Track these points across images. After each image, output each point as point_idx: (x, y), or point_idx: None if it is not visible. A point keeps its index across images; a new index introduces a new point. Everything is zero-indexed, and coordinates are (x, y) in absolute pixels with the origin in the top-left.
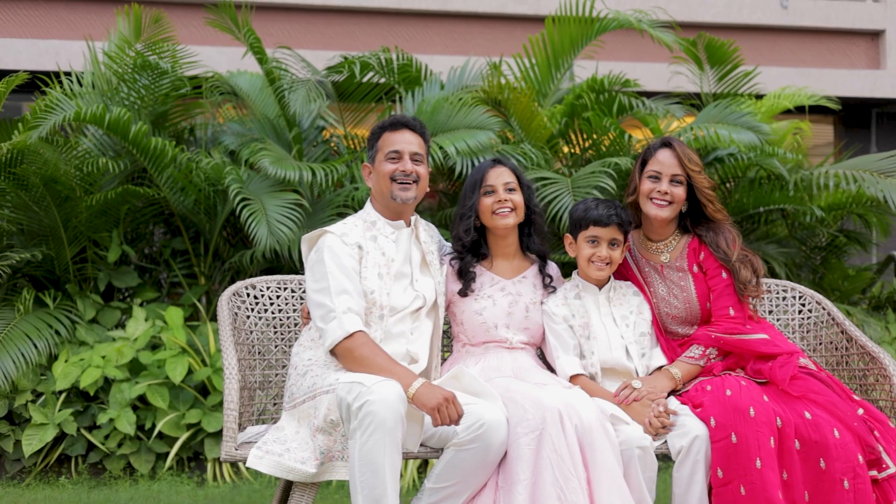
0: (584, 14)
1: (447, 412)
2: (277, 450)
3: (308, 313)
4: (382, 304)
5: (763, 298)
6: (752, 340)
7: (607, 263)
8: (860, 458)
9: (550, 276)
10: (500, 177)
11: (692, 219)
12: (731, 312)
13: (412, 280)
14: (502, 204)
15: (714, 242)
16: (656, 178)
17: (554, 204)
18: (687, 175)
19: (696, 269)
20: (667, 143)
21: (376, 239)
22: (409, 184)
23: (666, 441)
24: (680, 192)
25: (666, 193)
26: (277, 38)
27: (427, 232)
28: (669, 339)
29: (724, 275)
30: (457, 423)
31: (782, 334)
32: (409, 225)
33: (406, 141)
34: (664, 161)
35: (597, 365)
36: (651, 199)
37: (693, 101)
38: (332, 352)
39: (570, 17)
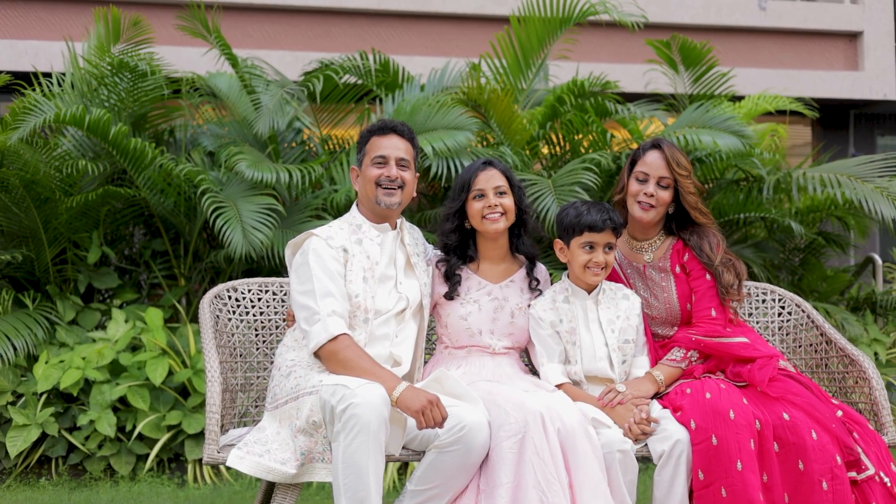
0: (546, 12)
1: (431, 415)
2: (258, 450)
3: (293, 315)
4: (367, 307)
5: (744, 302)
6: (732, 344)
7: (603, 268)
8: (838, 459)
9: (538, 280)
10: (491, 180)
11: (678, 222)
12: (713, 314)
13: (396, 282)
14: (493, 209)
15: (698, 246)
16: (644, 180)
17: (536, 205)
18: (674, 178)
19: (678, 269)
20: (657, 145)
21: (361, 242)
22: (393, 189)
23: (646, 444)
24: (665, 195)
25: (652, 196)
26: (257, 40)
27: (411, 234)
28: (655, 341)
29: (708, 276)
30: (441, 425)
31: (762, 338)
32: (394, 228)
33: (393, 146)
34: (652, 163)
35: (580, 373)
36: (637, 200)
37: (670, 102)
38: (316, 354)
39: (534, 17)
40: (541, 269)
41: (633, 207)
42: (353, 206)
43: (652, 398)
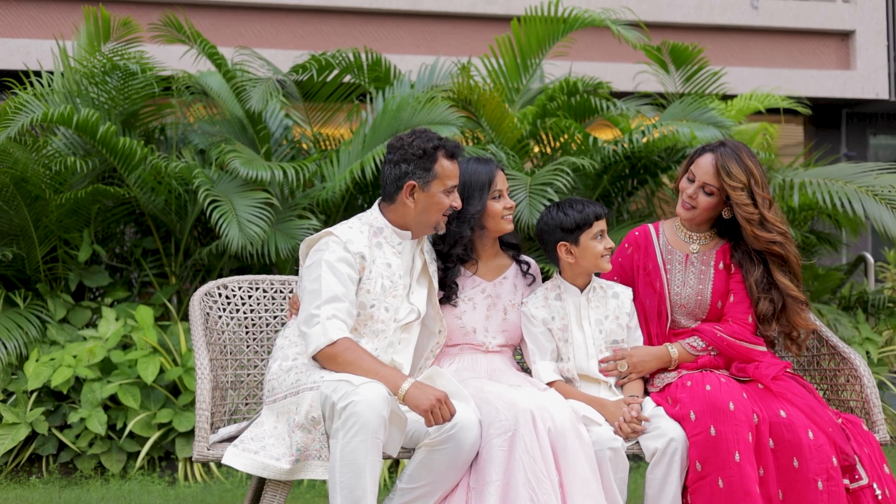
0: (550, 14)
1: (440, 413)
2: (253, 447)
3: (296, 305)
4: (381, 318)
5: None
6: (752, 350)
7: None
8: (834, 460)
9: (528, 264)
10: (504, 181)
11: (731, 232)
12: (750, 319)
13: (409, 293)
14: (510, 210)
15: (738, 262)
16: (692, 180)
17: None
18: (722, 188)
19: (721, 266)
20: (714, 149)
21: (381, 246)
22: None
23: (638, 442)
24: (707, 201)
25: (692, 198)
26: (249, 38)
27: (428, 240)
28: (673, 328)
29: None
30: (448, 421)
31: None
32: (415, 237)
33: (458, 175)
34: (702, 166)
35: (573, 370)
36: (681, 197)
37: (661, 102)
38: (315, 358)
39: (535, 18)
40: (526, 258)
41: (679, 201)
42: (376, 208)
43: (645, 395)
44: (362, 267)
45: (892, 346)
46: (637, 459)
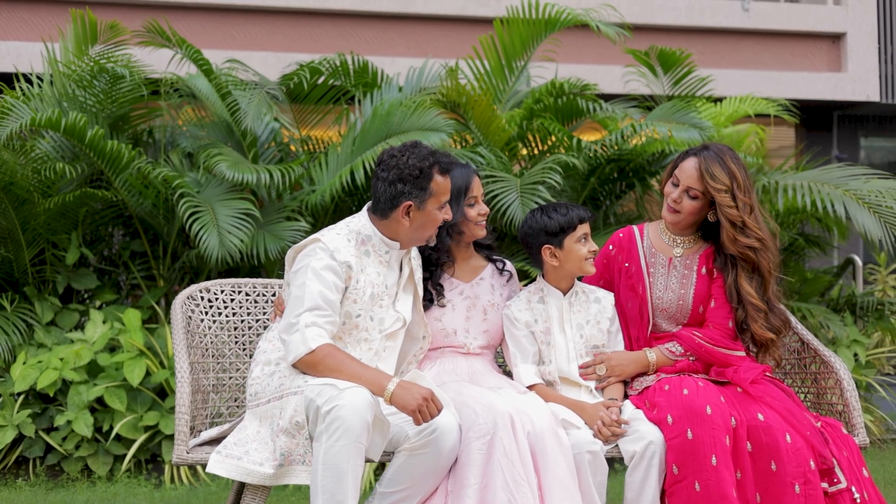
0: (531, 15)
1: (428, 411)
2: (237, 452)
3: (280, 308)
4: (366, 327)
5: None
6: (730, 356)
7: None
8: (812, 464)
9: (503, 262)
10: (480, 186)
11: (716, 236)
12: (731, 324)
13: (394, 301)
14: (484, 216)
15: (721, 267)
16: (676, 184)
17: (497, 201)
18: (706, 191)
19: (703, 271)
20: (697, 153)
21: (369, 255)
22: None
23: (617, 445)
24: (691, 205)
25: (676, 202)
26: (240, 41)
27: (415, 248)
28: (654, 332)
29: None
30: (436, 417)
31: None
32: (403, 248)
33: (450, 189)
34: (686, 170)
35: (554, 373)
36: (666, 202)
37: (650, 105)
38: (295, 366)
39: (517, 19)
40: (500, 257)
41: (664, 205)
42: (364, 215)
43: (625, 398)
44: (348, 276)
45: (880, 349)
46: (619, 462)
